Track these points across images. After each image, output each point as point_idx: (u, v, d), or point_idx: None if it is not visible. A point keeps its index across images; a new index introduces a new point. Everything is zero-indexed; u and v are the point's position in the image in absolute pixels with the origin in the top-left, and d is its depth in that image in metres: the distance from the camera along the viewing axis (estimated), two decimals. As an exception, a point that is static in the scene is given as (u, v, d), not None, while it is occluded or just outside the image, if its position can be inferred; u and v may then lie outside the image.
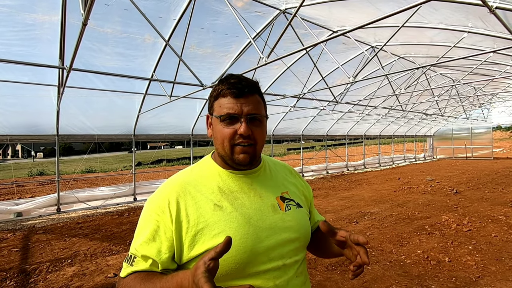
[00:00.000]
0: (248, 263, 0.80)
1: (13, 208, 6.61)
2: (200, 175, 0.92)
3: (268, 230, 0.85)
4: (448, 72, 9.78)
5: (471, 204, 6.74)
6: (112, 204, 7.76)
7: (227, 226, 0.81)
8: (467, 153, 19.96)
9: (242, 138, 0.84)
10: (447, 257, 3.85)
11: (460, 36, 5.09)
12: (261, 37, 5.65)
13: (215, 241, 0.78)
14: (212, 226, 0.81)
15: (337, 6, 4.79)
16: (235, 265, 0.79)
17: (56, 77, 5.60)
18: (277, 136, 11.95)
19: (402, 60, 8.17)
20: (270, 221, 0.86)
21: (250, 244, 0.81)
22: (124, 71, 5.85)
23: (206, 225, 0.81)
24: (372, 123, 15.19)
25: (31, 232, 5.55)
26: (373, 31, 6.25)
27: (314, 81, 8.41)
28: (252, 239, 0.81)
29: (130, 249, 0.85)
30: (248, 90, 0.86)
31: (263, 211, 0.87)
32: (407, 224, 5.40)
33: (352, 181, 11.03)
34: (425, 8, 4.33)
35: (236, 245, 0.78)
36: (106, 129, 7.75)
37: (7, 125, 6.28)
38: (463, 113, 17.00)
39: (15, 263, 4.10)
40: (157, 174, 15.45)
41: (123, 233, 5.37)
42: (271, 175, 0.99)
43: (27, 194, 10.64)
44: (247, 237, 0.81)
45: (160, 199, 0.86)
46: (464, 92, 12.59)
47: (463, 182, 9.87)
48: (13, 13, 4.22)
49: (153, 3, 4.62)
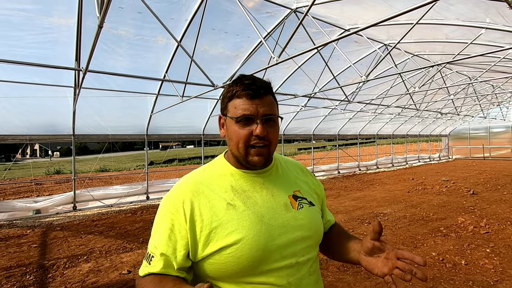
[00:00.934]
0: (261, 261, 0.81)
1: (32, 206, 6.85)
2: (213, 175, 0.94)
3: (281, 228, 0.86)
4: (464, 69, 9.49)
5: (489, 205, 6.54)
6: (125, 203, 7.92)
7: (240, 225, 0.82)
8: (485, 153, 19.32)
9: (258, 139, 0.85)
10: (463, 260, 3.75)
11: (478, 33, 4.93)
12: (272, 36, 5.63)
13: (229, 239, 0.80)
14: (225, 224, 0.82)
15: (349, 4, 4.73)
16: (248, 262, 0.80)
17: (72, 78, 5.76)
18: (288, 136, 11.91)
19: (416, 58, 7.98)
20: (282, 220, 0.87)
21: (263, 242, 0.82)
22: (137, 72, 5.95)
23: (219, 224, 0.82)
24: (384, 123, 14.91)
25: (49, 229, 5.74)
26: (386, 29, 6.13)
27: (326, 80, 8.33)
28: (264, 237, 0.82)
29: (148, 247, 0.87)
30: (263, 91, 0.87)
31: (276, 210, 0.88)
32: (422, 225, 5.29)
33: (364, 181, 10.87)
34: (440, 4, 4.22)
35: (249, 243, 0.80)
36: (119, 129, 7.91)
37: (27, 125, 6.51)
38: (480, 112, 16.45)
39: (34, 258, 4.25)
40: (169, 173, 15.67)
41: (136, 231, 5.48)
42: (283, 174, 1.00)
43: (45, 192, 11.00)
44: (259, 235, 0.82)
45: (174, 198, 0.88)
46: (482, 90, 12.18)
47: (480, 183, 9.57)
48: (32, 17, 4.37)
49: (165, 5, 4.68)
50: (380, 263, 0.82)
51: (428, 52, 7.63)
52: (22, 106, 6.11)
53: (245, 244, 0.80)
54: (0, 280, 3.57)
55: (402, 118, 14.79)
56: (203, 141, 9.60)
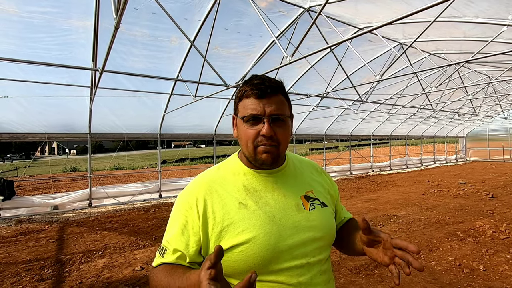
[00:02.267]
0: (271, 260, 0.82)
1: (50, 202, 7.08)
2: (226, 174, 0.95)
3: (292, 228, 0.86)
4: (484, 68, 9.17)
5: (509, 210, 6.29)
6: (139, 200, 8.07)
7: (251, 224, 0.83)
8: (505, 155, 18.60)
9: (265, 139, 0.85)
10: (481, 266, 3.62)
11: (499, 30, 4.75)
12: (285, 36, 5.61)
13: (240, 238, 0.82)
14: (237, 223, 0.84)
15: (363, 2, 4.66)
16: (258, 261, 0.81)
17: (89, 78, 5.92)
18: (300, 136, 11.83)
19: (433, 57, 7.77)
20: (293, 220, 0.87)
21: (273, 242, 0.82)
22: (152, 72, 6.06)
23: (231, 222, 0.84)
24: (399, 123, 14.59)
25: (66, 225, 5.92)
26: (402, 27, 6.00)
27: (339, 79, 8.23)
28: (275, 237, 0.83)
29: (162, 241, 0.90)
30: (271, 90, 0.86)
31: (287, 210, 0.89)
32: (437, 229, 5.14)
33: (377, 183, 10.67)
34: (459, 1, 4.10)
35: (259, 243, 0.81)
36: (134, 128, 8.08)
37: (46, 124, 6.74)
38: (500, 112, 15.88)
39: (52, 253, 4.39)
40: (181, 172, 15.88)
41: (149, 228, 5.57)
42: (295, 174, 0.99)
43: (62, 189, 11.36)
44: (270, 235, 0.83)
45: (188, 195, 0.90)
46: (502, 90, 11.74)
47: (500, 186, 9.23)
48: (52, 20, 4.52)
49: (179, 5, 4.75)
50: (381, 253, 0.82)
51: (446, 50, 7.42)
52: (41, 106, 6.33)
53: (255, 243, 0.81)
54: (20, 273, 3.71)
55: (418, 119, 14.43)
56: (215, 141, 9.67)
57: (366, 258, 3.89)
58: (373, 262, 3.80)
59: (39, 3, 4.23)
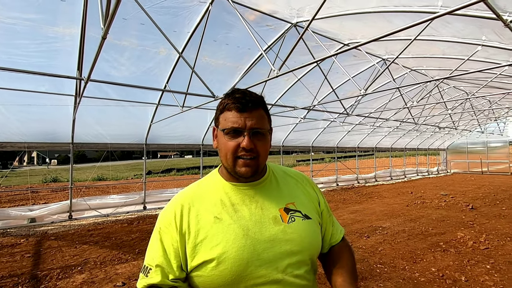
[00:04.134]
0: (245, 276, 0.81)
1: (27, 214, 6.76)
2: (205, 189, 0.96)
3: (267, 242, 0.85)
4: (461, 85, 9.63)
5: (488, 221, 6.50)
6: (122, 212, 7.83)
7: (224, 238, 0.83)
8: (483, 168, 19.36)
9: (245, 151, 0.86)
10: (463, 276, 3.70)
11: (474, 49, 5.03)
12: (272, 49, 5.73)
13: (213, 253, 0.82)
14: (211, 238, 0.84)
15: (348, 19, 4.84)
16: (231, 277, 0.80)
17: (73, 87, 5.80)
18: (287, 147, 11.92)
19: (414, 73, 8.10)
20: (269, 233, 0.86)
21: (246, 257, 0.81)
22: (139, 82, 6.01)
23: (205, 237, 0.84)
24: (383, 136, 14.98)
25: (43, 238, 5.65)
26: (384, 44, 6.25)
27: (325, 93, 8.42)
28: (248, 252, 0.82)
29: (145, 260, 0.90)
30: (252, 104, 0.88)
31: (263, 223, 0.88)
32: (421, 240, 5.24)
33: (362, 194, 10.82)
34: (437, 22, 4.33)
35: (232, 257, 0.81)
36: (118, 138, 7.92)
37: (26, 132, 6.51)
38: (477, 126, 16.60)
39: (27, 268, 4.16)
40: (166, 183, 15.58)
41: (133, 241, 5.40)
42: (277, 186, 0.99)
43: (40, 201, 10.88)
44: (243, 250, 0.82)
45: (168, 212, 0.92)
46: (479, 105, 12.33)
47: (479, 198, 9.55)
48: (36, 27, 4.44)
49: (168, 17, 4.78)
50: None
51: (426, 67, 7.76)
52: (21, 114, 6.12)
53: (228, 258, 0.81)
54: (-9, 290, 3.49)
55: (401, 132, 14.87)
56: (202, 151, 9.60)
57: (352, 270, 3.90)
58: (359, 274, 3.80)
59: (23, 9, 4.15)
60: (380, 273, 3.86)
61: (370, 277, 3.75)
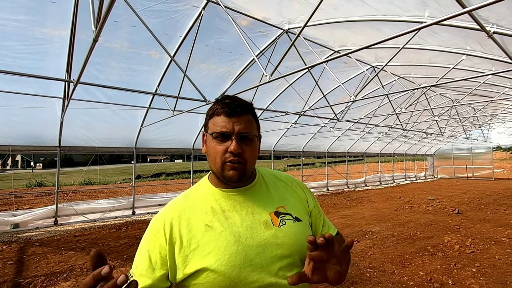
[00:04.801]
0: (238, 282, 0.81)
1: (10, 219, 6.54)
2: (196, 197, 0.96)
3: (258, 247, 0.85)
4: (447, 92, 9.91)
5: (473, 225, 6.66)
6: (110, 217, 7.67)
7: (216, 246, 0.83)
8: (468, 173, 19.87)
9: (232, 155, 0.87)
10: (450, 280, 3.77)
11: (459, 58, 5.20)
12: (264, 55, 5.78)
13: (206, 261, 0.82)
14: (203, 246, 0.84)
15: (339, 27, 4.93)
16: (225, 283, 0.80)
17: (61, 89, 5.69)
18: (278, 152, 11.96)
19: (402, 80, 8.30)
20: (260, 238, 0.87)
21: (239, 263, 0.82)
22: (129, 85, 5.94)
23: (197, 246, 0.84)
24: (372, 141, 15.22)
25: (27, 245, 5.47)
26: (374, 51, 6.40)
27: (316, 98, 8.52)
28: (240, 258, 0.83)
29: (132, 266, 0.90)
30: (241, 110, 0.90)
31: (254, 228, 0.88)
32: (409, 244, 5.32)
33: (352, 199, 10.93)
34: (424, 31, 4.46)
35: (225, 264, 0.81)
36: (107, 142, 7.78)
37: (11, 135, 6.33)
38: (463, 133, 17.07)
39: (10, 276, 4.01)
40: (156, 187, 15.36)
41: (121, 247, 5.28)
42: (267, 190, 0.99)
43: (24, 206, 10.54)
44: (235, 256, 0.83)
45: (157, 221, 0.92)
46: (464, 112, 12.70)
47: (464, 202, 9.78)
48: (25, 28, 4.35)
49: (160, 20, 4.76)
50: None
51: (414, 74, 7.96)
52: (6, 116, 5.95)
53: (220, 265, 0.81)
54: (-30, 299, 3.35)
55: (389, 137, 15.15)
56: (193, 156, 9.53)
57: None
58: (348, 279, 3.83)
59: (13, 10, 4.07)
60: (370, 277, 3.89)
61: (360, 281, 3.78)
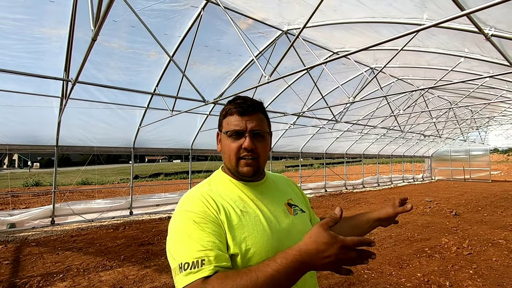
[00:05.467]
0: None
1: (6, 219, 6.49)
2: (219, 186, 0.99)
3: (285, 232, 0.94)
4: (445, 94, 9.96)
5: (470, 227, 6.68)
6: (107, 218, 7.63)
7: (254, 230, 0.88)
8: (465, 175, 19.97)
9: (246, 151, 0.93)
10: (448, 281, 3.78)
11: (457, 61, 5.23)
12: (264, 55, 5.78)
13: (245, 244, 0.85)
14: (242, 229, 0.87)
15: (338, 28, 4.95)
16: None
17: (59, 88, 5.67)
18: (276, 153, 11.96)
19: (401, 82, 8.33)
20: (285, 224, 0.96)
21: (276, 245, 0.88)
22: (128, 85, 5.93)
23: (237, 228, 0.87)
24: (370, 143, 15.26)
25: (23, 244, 5.43)
26: (372, 53, 6.42)
27: (314, 99, 8.53)
28: (276, 240, 0.90)
29: (184, 258, 0.76)
30: (252, 109, 0.96)
31: (278, 216, 0.96)
32: (407, 245, 5.33)
33: (350, 200, 10.94)
34: (423, 34, 4.48)
35: (264, 246, 0.86)
36: (105, 141, 7.76)
37: (8, 134, 6.30)
38: (460, 135, 17.15)
39: (5, 276, 3.98)
40: (154, 187, 15.32)
41: (118, 247, 5.26)
42: (275, 185, 1.09)
43: (21, 205, 10.48)
44: (272, 238, 0.89)
45: (197, 204, 0.87)
46: (462, 114, 12.76)
47: (462, 204, 9.82)
48: (23, 27, 4.33)
49: (160, 20, 4.76)
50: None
51: (412, 76, 7.99)
52: (3, 115, 5.92)
53: (259, 248, 0.85)
54: (-35, 300, 3.32)
55: (387, 139, 15.19)
56: (191, 156, 9.51)
57: (340, 276, 3.92)
58: (347, 280, 3.83)
59: (10, 9, 4.05)
60: (367, 279, 3.90)
61: (358, 282, 3.78)
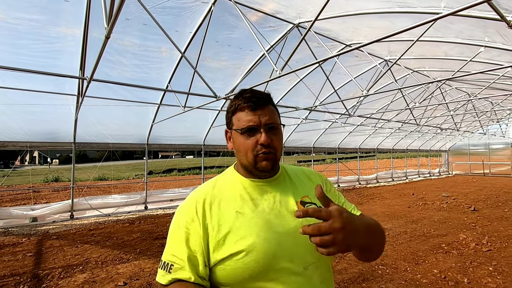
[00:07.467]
0: (269, 268, 0.83)
1: (29, 213, 6.78)
2: (224, 185, 0.98)
3: (288, 235, 0.87)
4: (463, 86, 9.60)
5: (490, 223, 6.47)
6: (123, 212, 7.84)
7: (248, 232, 0.85)
8: (485, 170, 19.28)
9: (264, 147, 0.90)
10: (466, 278, 3.68)
11: (477, 51, 5.01)
12: (275, 49, 5.73)
13: (238, 246, 0.83)
14: (235, 231, 0.85)
15: (350, 20, 4.83)
16: (256, 268, 0.82)
17: (75, 87, 5.82)
18: (288, 148, 11.91)
19: (416, 74, 8.08)
20: (289, 226, 0.89)
21: (272, 249, 0.84)
22: (141, 82, 6.02)
23: (229, 231, 0.85)
24: (385, 137, 14.95)
25: (45, 238, 5.66)
26: (387, 45, 6.24)
27: (326, 93, 8.41)
28: (273, 243, 0.84)
29: (164, 257, 0.88)
30: (263, 102, 0.93)
31: (283, 217, 0.90)
32: (423, 241, 5.22)
33: (364, 196, 10.80)
34: (440, 23, 4.31)
35: (258, 249, 0.83)
36: (120, 138, 7.93)
37: (28, 132, 6.53)
38: (479, 128, 16.53)
39: (29, 267, 4.17)
40: (167, 183, 15.59)
41: (134, 241, 5.40)
42: (290, 181, 1.02)
43: (42, 200, 10.91)
44: (269, 241, 0.84)
45: (188, 208, 0.92)
46: (481, 106, 12.28)
47: (481, 200, 9.51)
48: (39, 27, 4.45)
49: (171, 17, 4.78)
50: None
51: (428, 68, 7.74)
52: (23, 113, 6.15)
53: (253, 250, 0.82)
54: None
55: (402, 133, 14.83)
56: (203, 152, 9.60)
57: (354, 272, 3.89)
58: (360, 275, 3.79)
59: (27, 9, 4.17)
60: (382, 275, 3.85)
61: (372, 278, 3.74)
